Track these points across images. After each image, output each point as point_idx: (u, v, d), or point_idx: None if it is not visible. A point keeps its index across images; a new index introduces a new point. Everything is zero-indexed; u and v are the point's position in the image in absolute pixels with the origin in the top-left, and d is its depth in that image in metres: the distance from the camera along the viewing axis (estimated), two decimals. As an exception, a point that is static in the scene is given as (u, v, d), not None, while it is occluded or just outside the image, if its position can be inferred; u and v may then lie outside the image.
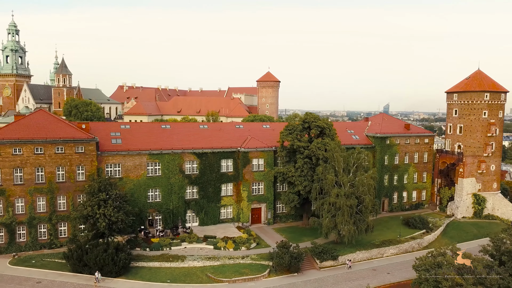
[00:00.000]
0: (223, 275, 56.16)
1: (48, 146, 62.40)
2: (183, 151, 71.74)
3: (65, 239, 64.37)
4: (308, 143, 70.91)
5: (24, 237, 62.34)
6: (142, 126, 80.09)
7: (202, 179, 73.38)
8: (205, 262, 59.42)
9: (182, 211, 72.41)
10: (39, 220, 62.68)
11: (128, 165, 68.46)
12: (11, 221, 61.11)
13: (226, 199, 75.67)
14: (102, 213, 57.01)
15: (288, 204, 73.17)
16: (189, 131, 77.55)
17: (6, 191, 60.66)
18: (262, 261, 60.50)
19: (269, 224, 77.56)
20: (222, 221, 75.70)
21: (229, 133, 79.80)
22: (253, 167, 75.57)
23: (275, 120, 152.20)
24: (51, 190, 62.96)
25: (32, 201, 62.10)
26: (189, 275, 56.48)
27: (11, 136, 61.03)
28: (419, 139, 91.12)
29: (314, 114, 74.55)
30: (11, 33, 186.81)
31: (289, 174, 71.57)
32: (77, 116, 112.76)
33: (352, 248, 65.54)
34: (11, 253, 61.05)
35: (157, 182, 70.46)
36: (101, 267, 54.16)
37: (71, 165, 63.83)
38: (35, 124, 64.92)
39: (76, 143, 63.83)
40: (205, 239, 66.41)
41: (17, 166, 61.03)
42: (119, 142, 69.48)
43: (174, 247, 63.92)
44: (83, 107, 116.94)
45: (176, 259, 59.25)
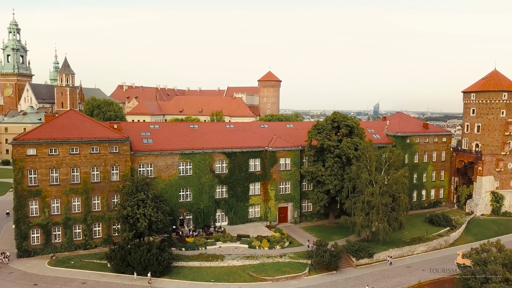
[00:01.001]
0: (265, 274, 56.55)
1: (83, 146, 62.07)
2: (213, 151, 71.90)
3: (99, 239, 64.13)
4: (337, 142, 71.59)
5: (59, 238, 61.92)
6: (171, 126, 79.92)
7: (231, 179, 73.61)
8: (244, 261, 59.73)
9: (212, 211, 72.59)
10: (74, 220, 62.33)
11: (160, 165, 68.38)
12: (47, 222, 60.69)
13: (254, 198, 76.03)
14: (142, 213, 56.91)
15: (317, 203, 73.77)
16: (217, 131, 77.72)
17: (42, 191, 60.22)
18: (300, 260, 61.06)
19: (295, 223, 78.08)
20: (250, 220, 76.05)
21: (254, 132, 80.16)
22: (280, 167, 76.01)
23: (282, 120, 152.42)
24: (86, 191, 62.64)
25: (67, 202, 61.73)
26: (231, 274, 56.73)
27: (46, 136, 60.57)
28: (437, 138, 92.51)
29: (342, 114, 75.35)
30: (12, 31, 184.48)
31: (318, 173, 72.14)
32: (99, 116, 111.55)
33: (385, 246, 66.38)
34: (47, 254, 60.64)
35: (188, 182, 70.51)
36: (145, 267, 54.15)
37: (106, 165, 63.56)
38: (68, 124, 64.51)
39: (110, 143, 63.58)
40: (239, 238, 66.67)
41: (53, 166, 60.60)
42: (150, 142, 69.37)
43: (209, 247, 64.06)
44: (105, 106, 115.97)
45: (216, 259, 59.48)
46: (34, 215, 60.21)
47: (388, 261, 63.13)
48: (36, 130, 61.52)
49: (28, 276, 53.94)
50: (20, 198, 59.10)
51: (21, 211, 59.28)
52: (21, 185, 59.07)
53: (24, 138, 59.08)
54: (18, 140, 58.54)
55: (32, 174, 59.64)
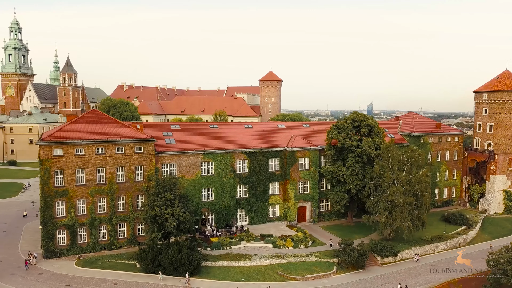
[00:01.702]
0: (295, 273, 56.86)
1: (109, 147, 61.91)
2: (234, 151, 72.05)
3: (124, 240, 64.01)
4: (358, 142, 72.09)
5: (85, 239, 61.71)
6: (191, 126, 79.82)
7: (251, 178, 73.81)
8: (271, 260, 59.98)
9: (233, 210, 72.75)
10: (100, 221, 62.15)
11: (183, 165, 68.40)
12: (73, 222, 60.45)
13: (274, 198, 76.29)
14: (171, 213, 56.93)
15: (337, 202, 74.19)
16: (236, 131, 77.90)
17: (69, 192, 59.99)
18: (327, 259, 61.48)
19: (314, 222, 78.46)
20: (270, 219, 76.31)
21: (272, 132, 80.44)
22: (300, 166, 76.33)
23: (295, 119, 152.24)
24: (112, 191, 62.48)
25: (93, 202, 61.54)
26: (260, 273, 56.95)
27: (73, 136, 60.33)
28: (450, 138, 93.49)
29: (362, 113, 75.91)
30: (14, 31, 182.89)
31: (339, 173, 72.58)
32: (116, 116, 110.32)
33: (407, 245, 66.98)
34: (73, 255, 60.42)
35: (211, 182, 70.60)
36: (176, 267, 54.25)
37: (131, 165, 63.45)
38: (92, 124, 64.26)
39: (135, 143, 63.48)
40: (262, 238, 66.88)
41: (79, 166, 60.38)
42: (173, 142, 69.34)
43: (234, 246, 64.22)
44: (122, 106, 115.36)
45: (244, 258, 59.67)
46: (60, 215, 59.94)
47: (415, 259, 63.83)
48: (61, 130, 61.21)
49: (59, 277, 53.73)
50: (46, 198, 58.78)
51: (47, 212, 58.98)
52: (47, 185, 58.75)
53: (50, 138, 58.77)
54: (45, 141, 58.21)
55: (58, 174, 59.39)
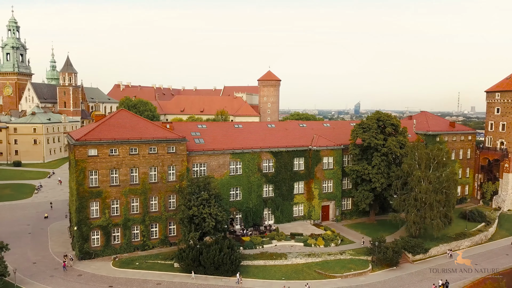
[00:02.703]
0: (332, 271, 57.42)
1: (142, 147, 61.58)
2: (261, 150, 72.29)
3: (156, 240, 63.73)
4: (383, 141, 72.98)
5: (118, 239, 61.27)
6: (217, 126, 79.70)
7: (277, 178, 74.16)
8: (307, 259, 60.43)
9: (260, 210, 73.00)
10: (133, 221, 61.79)
11: (213, 165, 68.40)
12: (107, 223, 59.98)
13: (298, 197, 76.76)
14: (208, 212, 56.97)
15: (362, 201, 74.98)
16: (259, 130, 78.15)
17: (103, 192, 59.48)
18: (361, 256, 62.17)
19: (337, 221, 79.15)
20: (295, 218, 76.77)
21: (295, 132, 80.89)
22: (324, 165, 76.91)
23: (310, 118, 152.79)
24: (145, 191, 62.17)
25: (126, 203, 61.14)
26: (298, 272, 57.35)
27: (105, 136, 59.85)
28: (463, 136, 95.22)
29: (385, 113, 76.88)
30: (12, 29, 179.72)
31: (364, 172, 73.38)
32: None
33: (433, 242, 68.12)
34: (108, 256, 60.00)
35: (239, 181, 70.74)
36: (217, 266, 54.30)
37: (163, 165, 63.20)
38: (123, 124, 63.82)
39: (168, 143, 63.25)
40: (293, 237, 67.30)
41: (113, 167, 59.92)
42: (202, 142, 69.27)
43: (266, 245, 64.52)
44: (142, 106, 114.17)
45: (280, 257, 60.02)
46: (94, 216, 59.41)
47: (448, 254, 65.06)
48: (95, 130, 60.53)
49: (99, 278, 53.31)
50: (82, 199, 58.19)
51: (82, 213, 58.38)
52: (82, 186, 58.13)
53: (85, 138, 58.19)
54: (80, 141, 57.64)
55: (93, 175, 58.85)
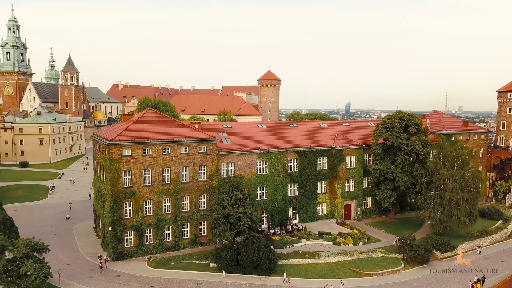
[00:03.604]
0: (367, 269, 57.96)
1: (174, 147, 61.50)
2: (286, 150, 72.64)
3: (187, 240, 63.74)
4: (406, 140, 73.83)
5: (150, 240, 61.11)
6: (241, 126, 79.79)
7: (302, 177, 74.57)
8: (339, 257, 60.93)
9: (286, 209, 73.35)
10: (165, 222, 61.69)
11: (240, 164, 68.54)
12: (140, 223, 59.78)
13: (321, 196, 77.28)
14: (244, 212, 57.14)
15: (386, 200, 75.76)
16: (282, 130, 78.52)
17: (136, 193, 59.28)
18: (392, 254, 62.87)
19: (358, 219, 79.86)
20: (318, 217, 77.26)
21: (316, 131, 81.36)
22: (346, 165, 77.53)
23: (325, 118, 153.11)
24: (176, 191, 62.10)
25: (159, 203, 61.00)
26: (333, 270, 57.77)
27: (137, 136, 59.62)
28: (476, 136, 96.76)
29: (408, 112, 77.74)
30: (12, 28, 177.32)
31: (388, 171, 74.15)
32: None
33: (457, 239, 69.07)
34: (140, 256, 59.85)
35: (265, 181, 70.99)
36: (256, 266, 54.47)
37: (194, 165, 63.21)
38: (152, 124, 63.67)
39: (199, 143, 63.26)
40: (321, 236, 67.78)
41: (146, 167, 59.75)
42: (229, 142, 69.35)
43: (296, 244, 64.97)
44: (162, 106, 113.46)
45: (313, 256, 60.44)
46: (128, 217, 59.18)
47: (477, 251, 66.14)
48: (127, 130, 60.22)
49: (138, 278, 53.15)
50: (115, 200, 57.92)
51: (116, 213, 58.12)
52: (116, 186, 57.87)
53: (119, 138, 57.90)
54: (115, 141, 57.33)
55: (126, 175, 58.59)
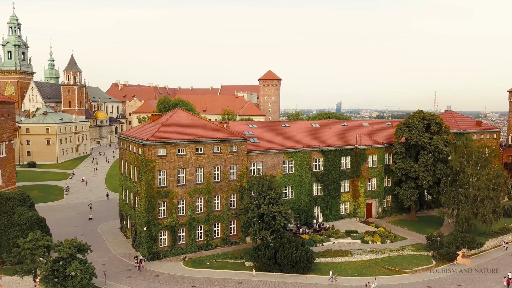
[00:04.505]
0: (401, 266, 58.68)
1: (207, 146, 61.53)
2: (312, 149, 73.07)
3: (218, 239, 63.81)
4: (429, 139, 74.77)
5: (183, 240, 61.06)
6: (266, 125, 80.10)
7: (326, 176, 75.08)
8: (371, 255, 61.59)
9: (311, 208, 73.78)
10: (198, 221, 61.70)
11: (268, 164, 68.79)
12: (174, 223, 59.71)
13: (345, 195, 77.87)
14: (278, 211, 57.47)
15: (408, 198, 76.63)
16: (306, 130, 78.90)
17: (170, 192, 59.20)
18: (422, 252, 63.70)
19: (379, 218, 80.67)
20: (341, 216, 77.81)
21: (337, 131, 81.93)
22: (369, 164, 78.25)
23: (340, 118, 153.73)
24: (209, 190, 62.15)
25: (192, 202, 61.00)
26: (367, 268, 58.37)
27: (170, 136, 59.53)
28: (489, 135, 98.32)
29: (429, 112, 78.73)
30: (13, 27, 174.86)
31: (411, 170, 75.03)
32: None
33: (482, 237, 70.06)
34: (174, 256, 59.79)
35: (291, 180, 71.33)
36: (294, 264, 54.80)
37: (226, 164, 63.30)
38: (183, 124, 63.68)
39: (231, 142, 63.37)
40: (349, 234, 68.35)
41: (180, 167, 59.69)
42: (256, 141, 69.54)
43: (325, 243, 65.41)
44: (184, 106, 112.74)
45: (346, 254, 61.02)
46: (162, 216, 59.07)
47: (504, 247, 67.33)
48: (160, 130, 60.03)
49: (178, 278, 53.12)
50: (151, 199, 57.78)
51: (151, 213, 57.98)
52: (151, 186, 57.71)
53: (154, 138, 57.74)
54: (150, 141, 57.17)
55: (161, 175, 58.49)
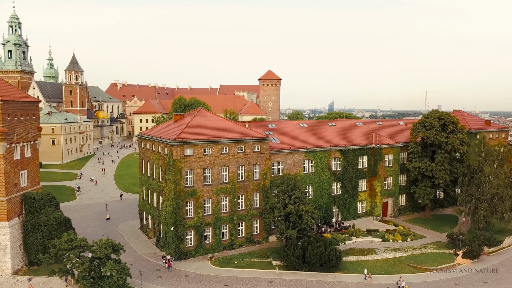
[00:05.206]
0: (426, 264, 59.34)
1: (232, 146, 61.64)
2: (331, 149, 73.51)
3: (242, 239, 63.94)
4: (446, 138, 75.63)
5: (209, 239, 61.11)
6: (285, 125, 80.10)
7: (344, 176, 75.57)
8: (395, 253, 62.21)
9: (330, 207, 74.21)
10: (223, 220, 61.79)
11: (289, 163, 69.08)
12: (200, 223, 59.74)
13: (362, 194, 78.45)
14: (305, 210, 57.81)
15: (425, 197, 77.41)
16: (323, 129, 79.23)
17: (197, 192, 59.21)
18: (444, 250, 64.45)
19: (395, 216, 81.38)
20: (358, 215, 78.35)
21: (353, 130, 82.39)
22: (385, 163, 78.91)
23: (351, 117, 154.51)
24: (233, 190, 62.27)
25: (217, 202, 61.07)
26: (392, 266, 58.92)
27: (199, 136, 59.56)
28: (498, 134, 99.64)
29: (444, 112, 79.60)
30: (13, 26, 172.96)
31: (428, 169, 75.80)
32: None
33: (499, 234, 71.08)
34: (200, 256, 59.80)
35: (311, 179, 71.68)
36: (322, 263, 55.15)
37: (249, 164, 63.46)
38: (207, 123, 63.62)
39: (254, 142, 63.56)
40: (369, 233, 68.91)
41: (206, 166, 59.73)
42: (277, 141, 69.75)
43: (347, 242, 65.86)
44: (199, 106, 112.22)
45: (370, 252, 61.59)
46: (188, 216, 59.07)
47: None
48: (186, 130, 59.95)
49: (208, 277, 53.16)
50: (178, 199, 57.73)
51: (178, 213, 57.94)
52: (179, 186, 57.68)
53: (181, 138, 57.71)
54: (178, 140, 57.13)
55: (188, 174, 58.48)
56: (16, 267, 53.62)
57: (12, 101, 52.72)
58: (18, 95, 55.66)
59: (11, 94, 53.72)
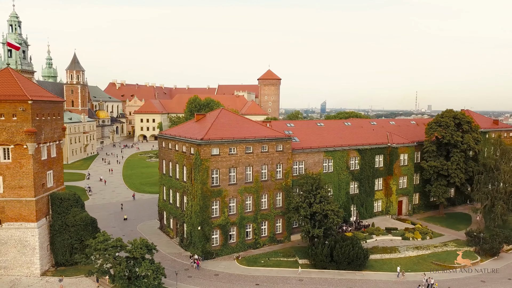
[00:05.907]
0: (449, 262, 60.02)
1: (256, 145, 61.81)
2: (349, 148, 74.01)
3: (265, 238, 64.14)
4: (461, 137, 76.55)
5: (233, 238, 61.23)
6: (303, 124, 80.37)
7: (362, 175, 76.15)
8: (417, 251, 62.89)
9: (348, 206, 74.70)
10: (247, 220, 61.95)
11: (309, 163, 69.45)
12: (226, 222, 59.83)
13: (378, 193, 79.11)
14: (331, 209, 58.21)
15: (441, 195, 78.28)
16: (340, 129, 79.77)
17: (223, 191, 59.29)
18: (464, 247, 65.22)
19: (410, 215, 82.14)
20: (375, 214, 79.03)
21: (369, 130, 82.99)
22: (401, 162, 79.64)
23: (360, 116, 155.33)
24: (257, 189, 62.45)
25: (242, 201, 61.20)
26: (415, 263, 59.52)
27: (225, 135, 59.62)
28: (506, 133, 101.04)
29: (459, 111, 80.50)
30: (13, 25, 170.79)
31: (443, 168, 76.66)
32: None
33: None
34: (226, 255, 59.91)
35: (330, 178, 72.10)
36: (350, 261, 55.55)
37: (272, 163, 63.69)
38: (230, 123, 63.81)
39: (277, 141, 63.78)
40: (389, 231, 69.55)
41: (232, 165, 59.82)
42: (297, 140, 70.04)
43: (368, 240, 66.36)
44: (215, 105, 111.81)
45: (394, 251, 62.19)
46: (215, 215, 59.12)
47: None
48: (212, 129, 59.96)
49: (238, 277, 53.31)
50: (205, 199, 57.77)
51: (205, 212, 57.97)
52: (205, 185, 57.71)
53: (208, 137, 57.73)
54: (205, 140, 57.15)
55: (214, 174, 58.54)
56: (44, 268, 53.28)
57: (40, 101, 52.42)
58: (44, 94, 55.30)
59: (39, 94, 53.40)
